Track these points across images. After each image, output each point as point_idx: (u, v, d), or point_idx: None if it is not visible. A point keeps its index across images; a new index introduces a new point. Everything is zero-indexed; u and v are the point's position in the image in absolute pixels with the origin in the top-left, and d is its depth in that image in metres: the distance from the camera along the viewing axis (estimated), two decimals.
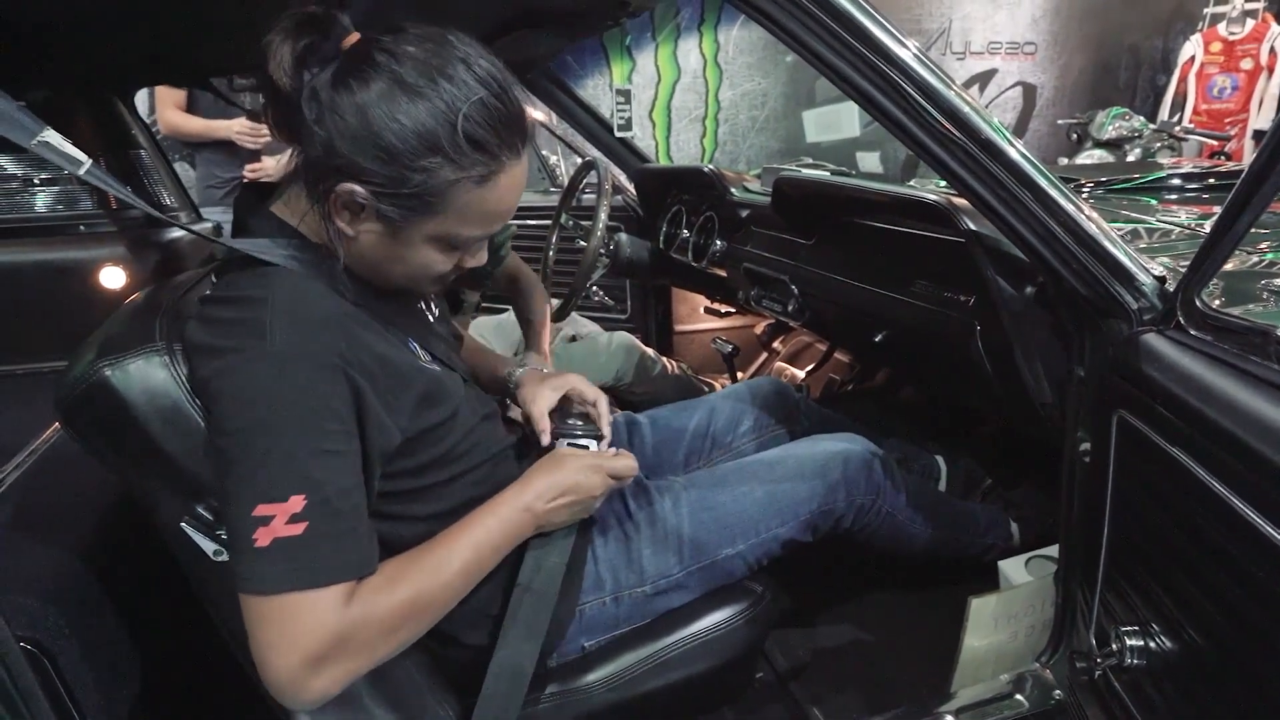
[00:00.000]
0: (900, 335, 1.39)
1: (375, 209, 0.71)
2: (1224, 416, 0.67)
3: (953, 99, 0.77)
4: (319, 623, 0.66)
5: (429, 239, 0.75)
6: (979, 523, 1.36)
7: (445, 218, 0.73)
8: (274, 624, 0.65)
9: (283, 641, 0.65)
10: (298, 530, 0.65)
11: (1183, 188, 1.78)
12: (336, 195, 0.70)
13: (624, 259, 2.12)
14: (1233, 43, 4.37)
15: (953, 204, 1.10)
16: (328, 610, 0.66)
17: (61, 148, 0.59)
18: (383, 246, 0.75)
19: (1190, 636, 0.74)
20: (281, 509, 0.65)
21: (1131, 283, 0.84)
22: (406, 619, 0.73)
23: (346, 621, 0.67)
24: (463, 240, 0.77)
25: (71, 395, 0.72)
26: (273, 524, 0.65)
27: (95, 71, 1.45)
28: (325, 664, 0.66)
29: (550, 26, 1.45)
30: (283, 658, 0.65)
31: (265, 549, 0.64)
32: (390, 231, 0.73)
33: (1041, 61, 5.09)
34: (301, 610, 0.65)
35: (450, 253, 0.78)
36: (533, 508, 0.85)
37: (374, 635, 0.70)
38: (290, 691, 0.66)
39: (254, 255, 0.73)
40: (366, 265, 0.77)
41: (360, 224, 0.73)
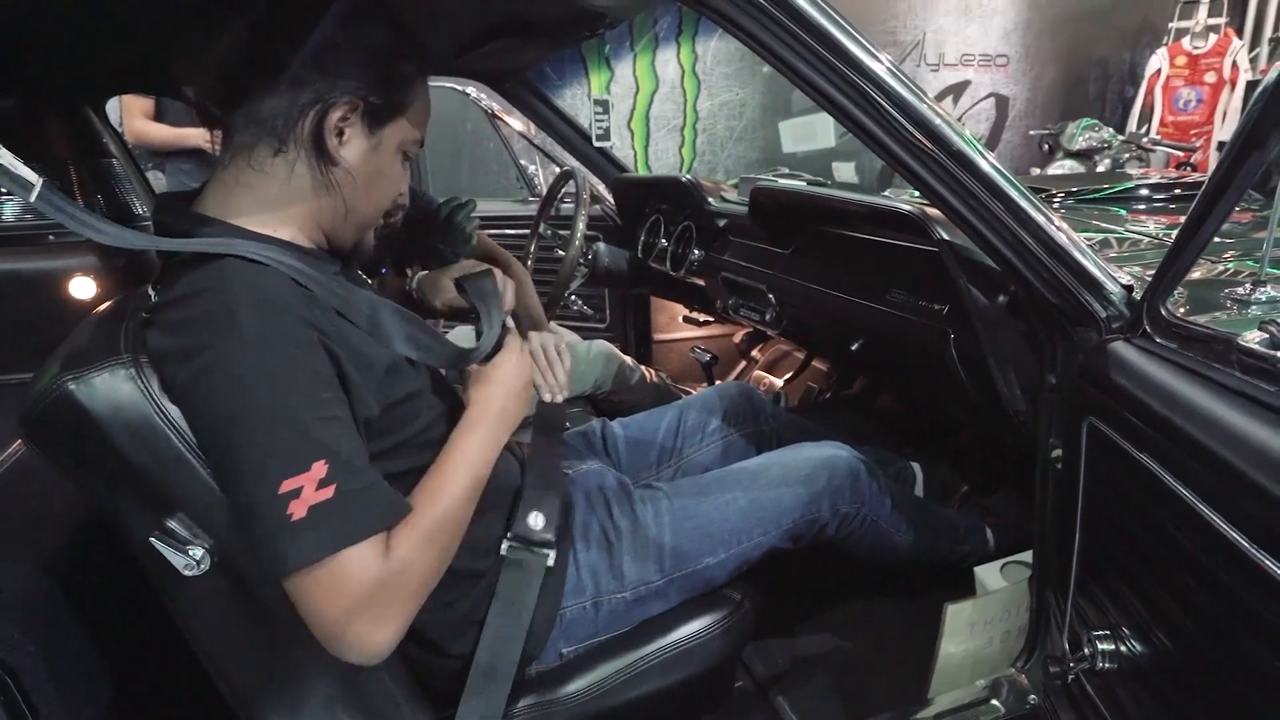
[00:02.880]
0: (876, 343, 1.40)
1: (364, 115, 0.77)
2: (1188, 423, 0.68)
3: (925, 111, 0.78)
4: (372, 574, 0.68)
5: (398, 145, 0.83)
6: (958, 529, 1.37)
7: (410, 116, 0.82)
8: (329, 588, 0.67)
9: (345, 602, 0.67)
10: (329, 494, 0.67)
11: (1150, 198, 1.81)
12: (333, 112, 0.75)
13: (602, 268, 2.12)
14: (1197, 57, 4.48)
15: (926, 214, 1.11)
16: (376, 560, 0.69)
17: (12, 169, 0.57)
18: (366, 163, 0.80)
19: (1159, 639, 0.75)
20: (307, 478, 0.66)
21: (1100, 291, 0.86)
22: (437, 545, 0.76)
23: (394, 564, 0.70)
24: (415, 145, 0.85)
25: (35, 410, 0.71)
26: (304, 494, 0.66)
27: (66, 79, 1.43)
28: (389, 609, 0.70)
29: (529, 37, 1.45)
30: (350, 617, 0.67)
31: (304, 520, 0.66)
32: (373, 143, 0.80)
33: (1014, 74, 5.18)
34: (352, 566, 0.67)
35: (400, 167, 0.86)
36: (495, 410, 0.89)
37: (422, 566, 0.73)
38: (359, 646, 0.69)
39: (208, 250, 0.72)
40: (350, 195, 0.80)
41: (346, 144, 0.78)
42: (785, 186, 1.78)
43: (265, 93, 0.74)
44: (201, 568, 0.73)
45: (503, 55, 1.63)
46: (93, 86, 1.59)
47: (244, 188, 0.78)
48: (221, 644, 0.79)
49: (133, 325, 0.76)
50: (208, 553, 0.73)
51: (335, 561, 0.67)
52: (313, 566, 0.66)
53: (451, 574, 0.86)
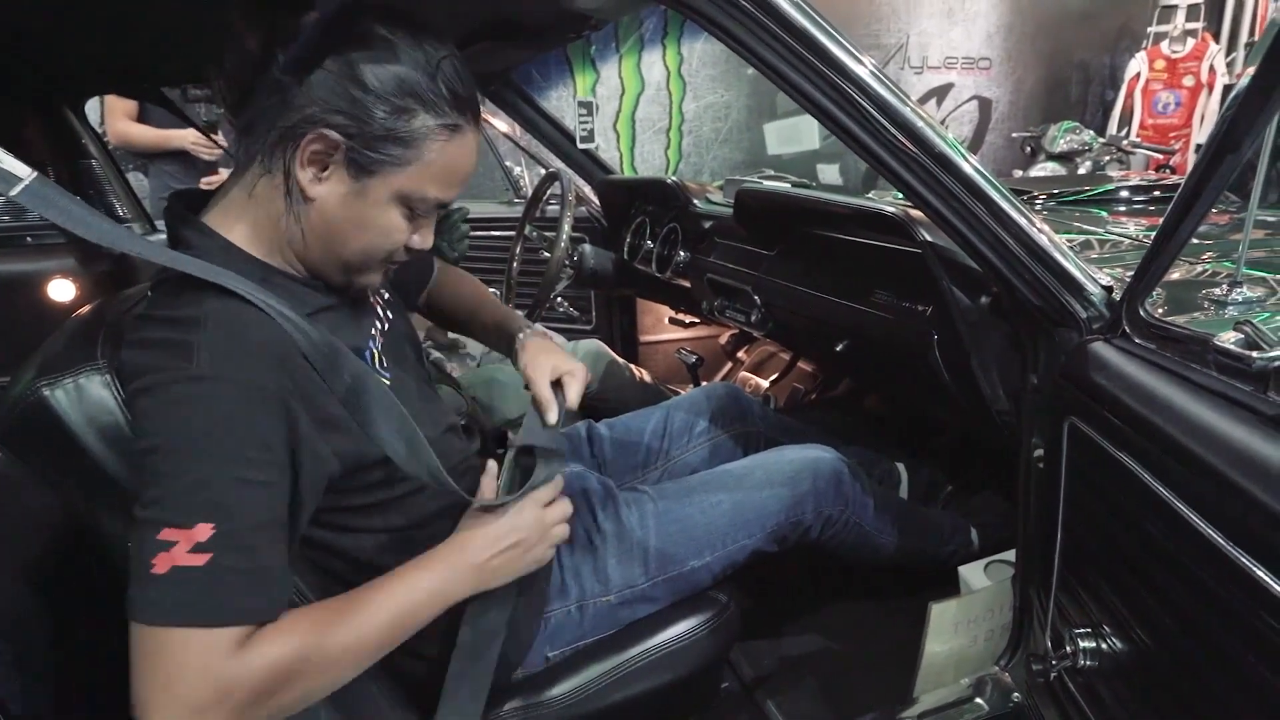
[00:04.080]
0: (861, 344, 1.41)
1: (346, 157, 0.71)
2: (1166, 422, 0.69)
3: (907, 114, 0.79)
4: (205, 666, 0.60)
5: (394, 197, 0.74)
6: (942, 530, 1.38)
7: (413, 171, 0.73)
8: (158, 659, 0.60)
9: (163, 680, 0.59)
10: (200, 561, 0.60)
11: (1130, 200, 1.83)
12: (305, 144, 0.70)
13: (588, 270, 2.12)
14: (1175, 60, 4.54)
15: (909, 216, 1.12)
16: (218, 654, 0.60)
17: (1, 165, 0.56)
18: (346, 206, 0.73)
19: (1139, 637, 0.75)
20: (186, 535, 0.60)
21: (1080, 293, 0.87)
22: (304, 675, 0.65)
23: (234, 670, 0.61)
24: (424, 202, 0.76)
25: (10, 415, 0.70)
26: (174, 550, 0.60)
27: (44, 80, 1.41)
28: (208, 712, 0.60)
29: (514, 39, 1.45)
30: (154, 700, 0.59)
31: (161, 576, 0.59)
32: (357, 189, 0.73)
33: (996, 76, 5.22)
34: (189, 649, 0.60)
35: (409, 220, 0.77)
36: (475, 562, 0.79)
37: (264, 688, 0.62)
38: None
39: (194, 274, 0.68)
40: (323, 235, 0.74)
41: (326, 181, 0.72)
42: (770, 188, 1.78)
43: (263, 107, 0.71)
44: None
45: (488, 57, 1.62)
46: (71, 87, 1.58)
47: (241, 203, 0.75)
48: None
49: (111, 331, 0.75)
50: None
51: (174, 635, 0.60)
52: (152, 629, 0.60)
53: None
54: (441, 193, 0.77)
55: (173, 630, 0.60)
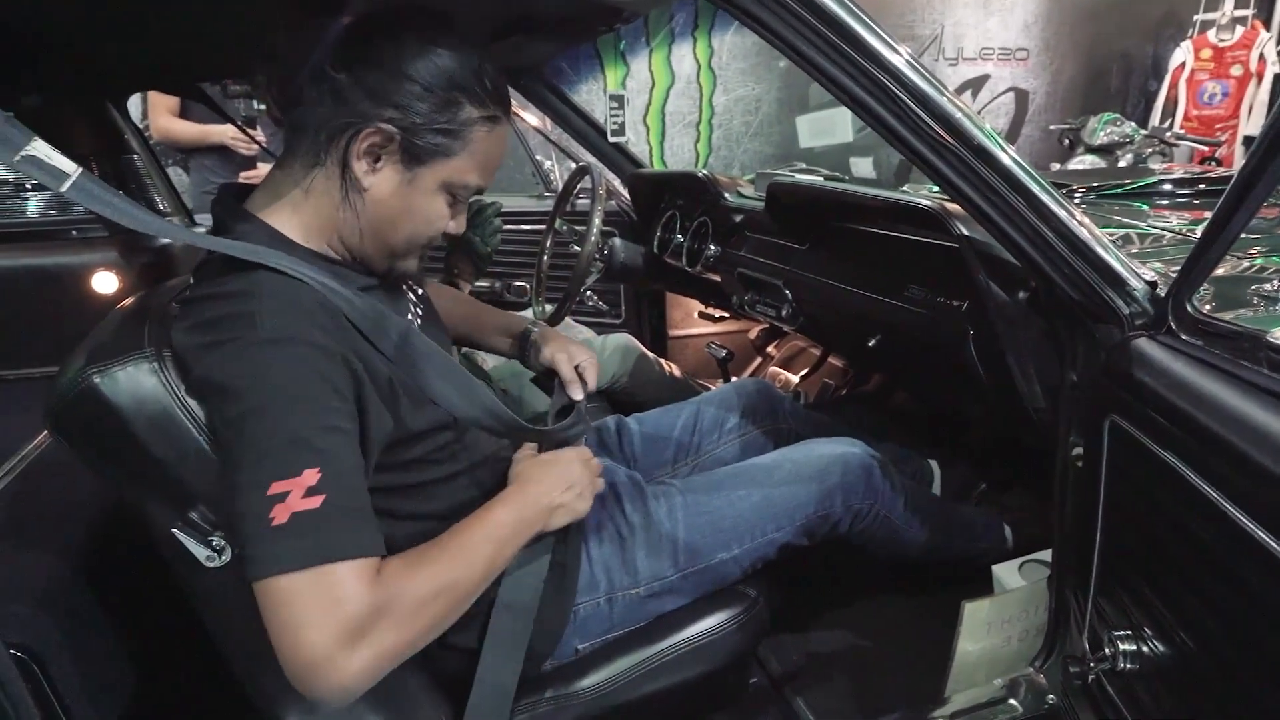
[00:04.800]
0: (894, 340, 1.39)
1: (400, 148, 0.75)
2: (1215, 421, 0.67)
3: (945, 105, 0.77)
4: (354, 592, 0.63)
5: (441, 186, 0.79)
6: (974, 527, 1.36)
7: (459, 161, 0.78)
8: (301, 601, 0.62)
9: (313, 617, 0.61)
10: (315, 503, 0.63)
11: (1174, 193, 1.79)
12: (362, 138, 0.73)
13: (618, 264, 2.12)
14: (1222, 49, 4.41)
15: (946, 209, 1.10)
16: (361, 583, 0.64)
17: (49, 161, 0.58)
18: (396, 196, 0.78)
19: (1183, 641, 0.74)
20: (296, 483, 0.63)
21: (1123, 288, 0.85)
22: (435, 601, 0.70)
23: (381, 595, 0.65)
24: (465, 189, 0.81)
25: (61, 403, 0.72)
26: (289, 499, 0.63)
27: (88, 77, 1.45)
28: (365, 640, 0.63)
29: (545, 32, 1.45)
30: (318, 637, 0.61)
31: (284, 525, 0.62)
32: (407, 178, 0.77)
33: (1034, 67, 5.12)
34: (332, 582, 0.63)
35: (451, 207, 0.82)
36: (542, 500, 0.86)
37: (407, 612, 0.66)
38: (330, 673, 0.61)
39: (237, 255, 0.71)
40: (375, 223, 0.79)
41: (377, 171, 0.76)
42: (802, 181, 1.77)
43: (314, 103, 0.74)
44: (222, 559, 0.74)
45: (519, 51, 1.63)
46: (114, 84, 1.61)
47: (286, 192, 0.79)
48: (241, 635, 0.80)
49: (155, 320, 0.77)
50: (228, 544, 0.74)
51: (319, 574, 0.62)
52: (289, 576, 0.62)
53: None
54: (482, 180, 0.82)
55: (316, 570, 0.62)
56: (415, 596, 0.68)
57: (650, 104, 4.51)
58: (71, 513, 1.02)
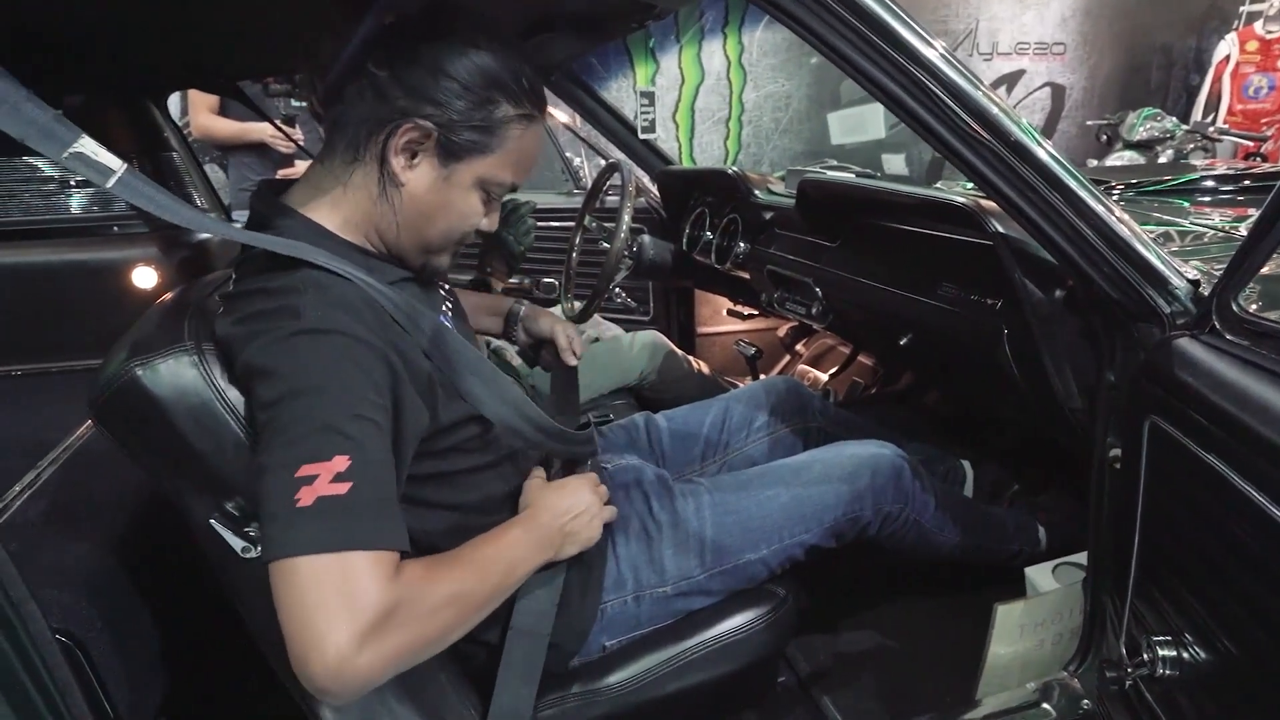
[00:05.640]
0: (925, 339, 1.38)
1: (436, 145, 0.76)
2: (1262, 422, 0.65)
3: (981, 100, 0.76)
4: (372, 585, 0.61)
5: (476, 182, 0.80)
6: (1006, 528, 1.34)
7: (495, 158, 0.80)
8: (318, 586, 0.60)
9: (328, 604, 0.60)
10: (342, 490, 0.63)
11: (1216, 190, 1.74)
12: (401, 134, 0.75)
13: (647, 261, 2.11)
14: (1270, 41, 4.27)
15: (980, 206, 1.08)
16: (380, 574, 0.62)
17: (95, 158, 0.59)
18: (433, 191, 0.79)
19: (1225, 647, 0.72)
20: (326, 468, 0.63)
21: (1164, 286, 0.83)
22: (447, 608, 0.69)
23: (399, 591, 0.63)
24: (500, 186, 0.83)
25: (104, 395, 0.74)
26: (316, 483, 0.62)
27: (129, 76, 1.48)
28: (376, 636, 0.61)
29: (575, 29, 1.46)
30: (330, 624, 0.59)
31: (309, 508, 0.61)
32: (444, 174, 0.79)
33: (1070, 62, 5.02)
34: (351, 571, 0.61)
35: (485, 204, 0.83)
36: (554, 524, 0.87)
37: (420, 614, 0.65)
38: (334, 665, 0.59)
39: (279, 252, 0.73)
40: (411, 218, 0.80)
41: (415, 167, 0.78)
42: (833, 178, 1.75)
43: (354, 100, 0.76)
44: (258, 550, 0.75)
45: (549, 48, 1.63)
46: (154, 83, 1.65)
47: (325, 186, 0.80)
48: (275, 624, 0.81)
49: (196, 314, 0.79)
50: None
51: (339, 560, 0.61)
52: (308, 559, 0.60)
53: None
54: (516, 178, 0.84)
55: (336, 556, 0.61)
56: (430, 600, 0.67)
57: (680, 101, 4.50)
58: (113, 502, 1.05)
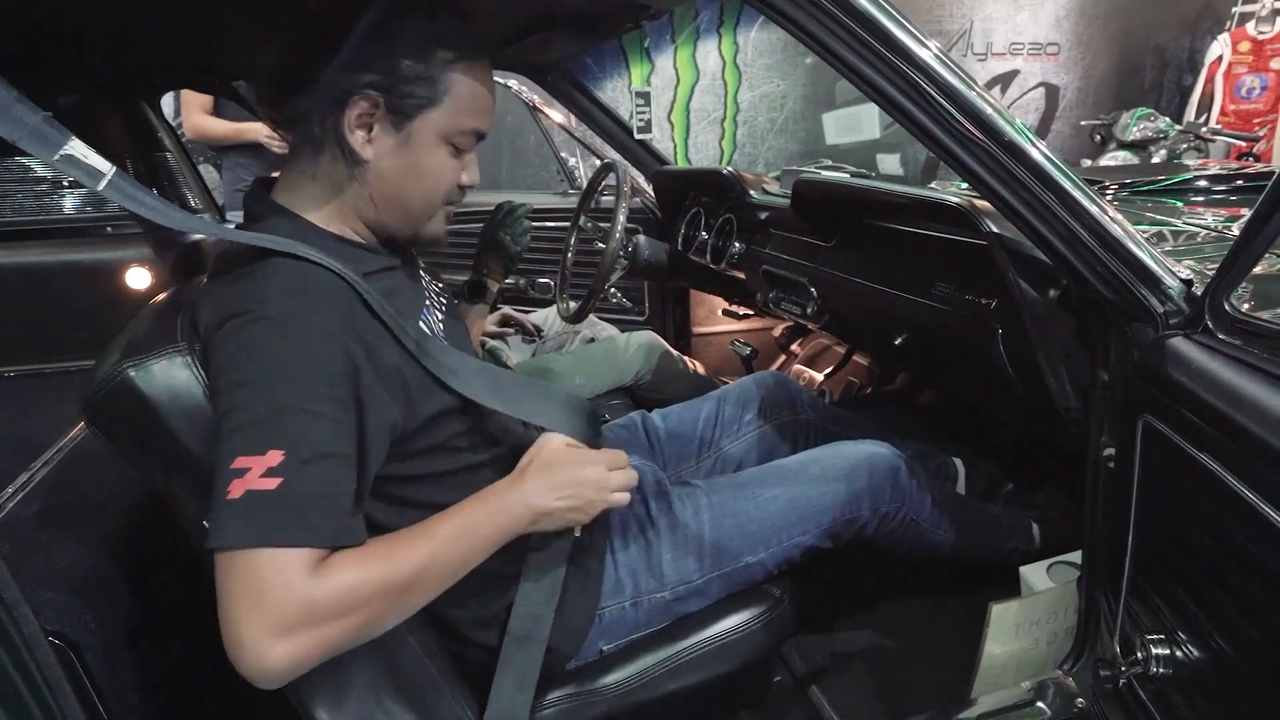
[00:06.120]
0: (920, 338, 1.38)
1: (387, 111, 0.77)
2: (1254, 422, 0.66)
3: (975, 100, 0.76)
4: (284, 584, 0.62)
5: (438, 137, 0.81)
6: (1001, 526, 1.35)
7: (448, 107, 0.80)
8: (241, 582, 0.61)
9: (246, 601, 0.61)
10: (271, 485, 0.63)
11: (1209, 189, 1.75)
12: (350, 111, 0.76)
13: (642, 261, 2.11)
14: (1262, 42, 4.29)
15: (974, 206, 1.09)
16: (295, 573, 0.62)
17: (85, 160, 0.59)
18: (397, 158, 0.80)
19: (1219, 646, 0.72)
20: (258, 462, 0.63)
21: (1157, 286, 0.83)
22: (379, 598, 0.68)
23: (315, 589, 0.63)
24: (464, 135, 0.82)
25: (97, 395, 0.74)
26: (247, 476, 0.63)
27: (123, 76, 1.47)
28: (291, 632, 0.62)
29: (570, 29, 1.46)
30: (245, 619, 0.61)
31: (236, 500, 0.62)
32: (402, 139, 0.79)
33: (1065, 62, 5.04)
34: (270, 568, 0.62)
35: (456, 158, 0.83)
36: (529, 502, 0.80)
37: (344, 609, 0.65)
38: (253, 658, 0.61)
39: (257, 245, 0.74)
40: (386, 192, 0.81)
41: (373, 140, 0.79)
42: (828, 178, 1.75)
43: (301, 93, 0.78)
44: None
45: (544, 48, 1.63)
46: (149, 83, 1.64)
47: (300, 182, 0.82)
48: None
49: (188, 314, 0.79)
50: None
51: (254, 556, 0.62)
52: (230, 553, 0.62)
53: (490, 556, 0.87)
54: (477, 122, 0.83)
55: (253, 552, 0.62)
56: (358, 593, 0.66)
57: (675, 101, 4.50)
58: (107, 503, 1.04)
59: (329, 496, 0.66)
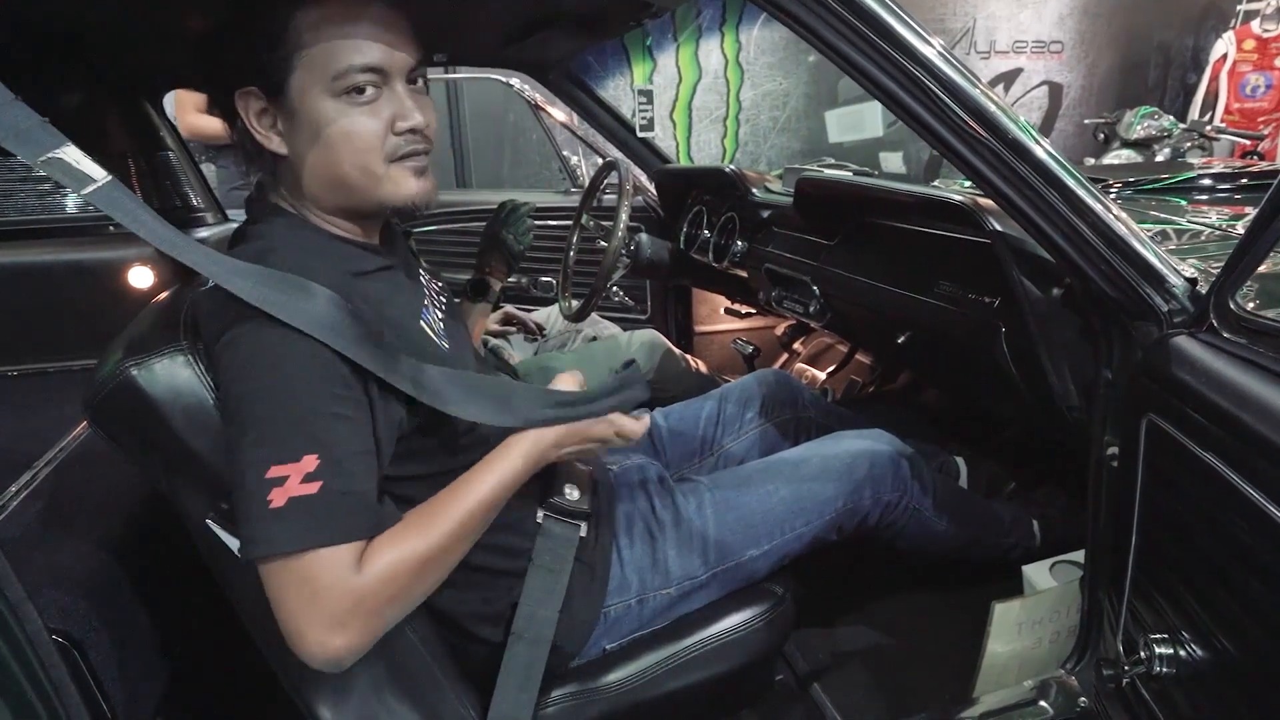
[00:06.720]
0: (923, 337, 1.38)
1: (266, 94, 0.77)
2: (1259, 420, 0.65)
3: (979, 98, 0.76)
4: (338, 579, 0.66)
5: (325, 93, 0.76)
6: (1003, 522, 1.35)
7: (310, 57, 0.75)
8: (291, 584, 0.65)
9: (304, 600, 0.65)
10: (313, 489, 0.65)
11: (1214, 188, 1.74)
12: (243, 113, 0.77)
13: (644, 259, 2.11)
14: (1267, 40, 4.28)
15: (978, 204, 1.08)
16: (344, 569, 0.66)
17: (77, 166, 0.58)
18: (305, 134, 0.77)
19: (1223, 646, 0.72)
20: (295, 469, 0.65)
21: (1162, 284, 0.83)
22: (420, 569, 0.72)
23: (362, 580, 0.67)
24: (346, 76, 0.75)
25: (99, 394, 0.74)
26: (287, 484, 0.65)
27: (126, 75, 1.47)
28: (347, 623, 0.66)
29: (572, 27, 1.46)
30: (306, 617, 0.65)
31: (281, 509, 0.65)
32: (293, 112, 0.77)
33: (1068, 60, 5.02)
34: (321, 568, 0.65)
35: (362, 104, 0.77)
36: (540, 444, 0.82)
37: (391, 589, 0.69)
38: (316, 650, 0.65)
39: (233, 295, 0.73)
40: (320, 174, 0.79)
41: (277, 130, 0.78)
42: (831, 177, 1.75)
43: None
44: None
45: (546, 46, 1.63)
46: (150, 82, 1.64)
47: (271, 188, 0.84)
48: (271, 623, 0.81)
49: (191, 314, 0.79)
50: None
51: (305, 559, 0.65)
52: (282, 559, 0.65)
53: (493, 552, 0.87)
54: (359, 55, 0.75)
55: (304, 555, 0.65)
56: (401, 573, 0.69)
57: (677, 99, 4.49)
58: (109, 502, 1.04)
59: (363, 493, 0.70)
